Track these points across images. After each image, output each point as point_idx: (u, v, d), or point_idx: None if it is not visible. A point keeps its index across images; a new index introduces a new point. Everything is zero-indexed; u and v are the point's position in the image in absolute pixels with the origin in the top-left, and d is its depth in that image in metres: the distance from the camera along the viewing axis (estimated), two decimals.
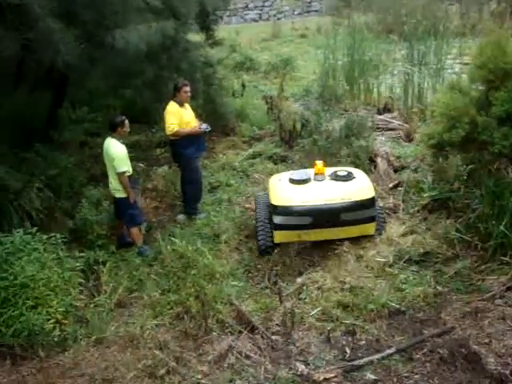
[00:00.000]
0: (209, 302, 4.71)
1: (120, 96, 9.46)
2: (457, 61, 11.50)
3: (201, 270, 5.22)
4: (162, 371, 4.04)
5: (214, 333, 4.51)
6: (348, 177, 5.81)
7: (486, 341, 4.15)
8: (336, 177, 5.81)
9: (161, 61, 8.26)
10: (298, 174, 5.96)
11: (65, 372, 4.16)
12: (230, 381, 3.93)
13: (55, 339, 4.40)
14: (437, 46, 10.25)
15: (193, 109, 6.78)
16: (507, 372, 3.76)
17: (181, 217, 6.69)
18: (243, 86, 11.49)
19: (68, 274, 4.89)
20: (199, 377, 4.01)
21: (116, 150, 5.74)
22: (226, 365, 4.12)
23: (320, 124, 7.27)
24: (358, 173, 6.06)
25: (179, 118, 6.35)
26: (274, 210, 5.59)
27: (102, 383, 4.00)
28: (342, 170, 5.96)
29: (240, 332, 4.47)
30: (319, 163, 5.91)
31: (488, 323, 4.39)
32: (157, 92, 9.34)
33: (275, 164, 8.10)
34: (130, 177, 5.85)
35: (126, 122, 5.86)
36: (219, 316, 4.66)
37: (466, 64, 10.99)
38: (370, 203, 5.64)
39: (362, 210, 5.58)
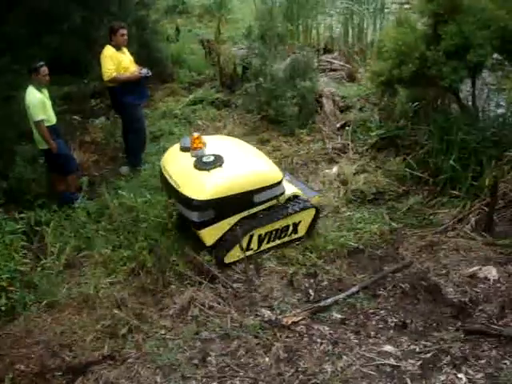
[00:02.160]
0: (164, 255, 4.53)
1: (45, 44, 8.70)
2: (395, 0, 11.41)
3: (152, 223, 5.01)
4: (124, 330, 3.86)
5: (173, 286, 4.36)
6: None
7: (444, 272, 4.25)
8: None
9: (88, 2, 7.64)
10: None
11: (17, 341, 3.87)
12: (196, 333, 3.81)
13: (2, 308, 4.09)
14: None
15: None
16: (466, 299, 3.88)
17: (124, 169, 6.36)
18: (178, 30, 10.95)
19: (9, 238, 4.53)
20: (163, 332, 3.87)
21: (30, 97, 5.34)
22: (189, 317, 3.99)
23: (264, 66, 7.01)
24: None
25: (117, 62, 5.91)
26: None
27: (60, 349, 3.77)
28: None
29: (200, 283, 4.34)
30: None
31: (443, 255, 4.50)
32: (86, 38, 8.69)
33: (218, 109, 7.85)
34: (51, 126, 5.45)
35: (43, 68, 5.40)
36: (176, 268, 4.49)
37: (402, 4, 11.00)
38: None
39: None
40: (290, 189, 4.81)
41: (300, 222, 4.72)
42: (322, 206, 5.13)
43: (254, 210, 4.55)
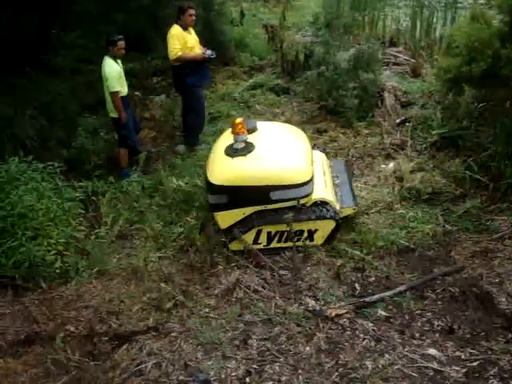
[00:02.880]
0: (214, 236, 4.58)
1: (113, 21, 8.92)
2: None
3: (204, 203, 5.08)
4: (169, 304, 3.96)
5: (220, 266, 4.41)
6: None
7: (497, 281, 4.10)
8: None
9: None
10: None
11: (68, 303, 4.06)
12: (240, 315, 3.86)
13: (57, 271, 4.28)
14: None
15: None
16: None
17: (181, 147, 6.46)
18: (242, 13, 10.97)
19: (68, 205, 4.72)
20: (207, 310, 3.94)
21: (109, 69, 5.55)
22: (233, 299, 4.04)
23: (328, 55, 6.91)
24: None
25: (183, 42, 5.98)
26: None
27: (108, 316, 3.91)
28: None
29: (246, 266, 4.38)
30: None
31: (498, 263, 4.33)
32: (153, 17, 8.85)
33: (277, 95, 7.82)
34: (123, 97, 5.66)
35: (121, 42, 5.60)
36: (224, 250, 4.54)
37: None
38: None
39: None
40: (320, 193, 4.61)
41: (317, 230, 4.52)
42: (352, 216, 4.80)
43: (272, 206, 4.45)
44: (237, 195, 4.44)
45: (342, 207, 4.67)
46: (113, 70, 5.55)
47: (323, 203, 4.57)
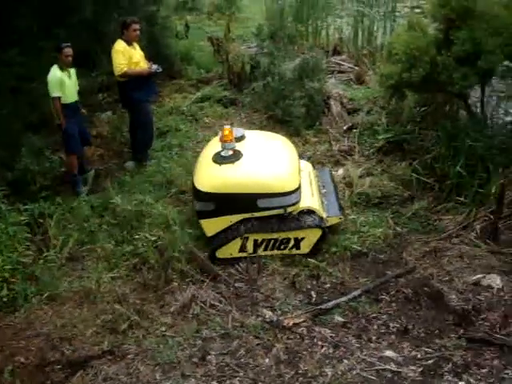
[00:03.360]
0: (167, 252, 4.52)
1: (54, 37, 8.70)
2: (407, 3, 11.38)
3: (155, 219, 5.00)
4: (124, 325, 3.86)
5: (175, 283, 4.35)
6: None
7: (447, 278, 4.23)
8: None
9: None
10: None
11: (17, 333, 3.89)
12: (197, 331, 3.81)
13: (4, 299, 4.10)
14: None
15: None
16: (469, 307, 3.85)
17: (130, 164, 6.35)
18: (187, 26, 10.95)
19: (12, 229, 4.53)
20: (163, 329, 3.86)
21: (50, 75, 5.56)
22: (190, 315, 3.98)
23: (273, 65, 6.99)
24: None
25: (128, 57, 5.91)
26: None
27: (60, 342, 3.77)
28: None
29: (202, 281, 4.33)
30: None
31: (447, 261, 4.47)
32: (95, 32, 8.68)
33: (225, 107, 7.83)
34: (68, 105, 5.63)
35: (66, 49, 5.60)
36: (179, 265, 4.47)
37: (414, 7, 10.97)
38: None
39: None
40: (307, 202, 4.65)
41: (303, 238, 4.56)
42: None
43: (258, 214, 4.49)
44: (224, 202, 4.47)
45: (328, 216, 4.71)
46: (54, 76, 5.51)
47: (310, 212, 4.59)
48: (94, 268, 4.59)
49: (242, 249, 4.55)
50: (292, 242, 4.56)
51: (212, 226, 4.58)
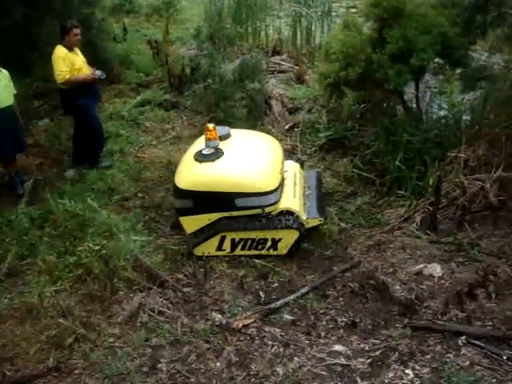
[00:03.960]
0: (112, 261, 4.41)
1: None
2: (343, 3, 11.63)
3: (99, 228, 4.87)
4: (70, 340, 3.73)
5: (122, 292, 4.25)
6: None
7: (391, 270, 4.35)
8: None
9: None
10: None
11: None
12: (146, 340, 3.74)
13: None
14: None
15: None
16: (412, 297, 3.97)
17: (70, 172, 6.16)
18: (125, 29, 10.77)
19: None
20: (111, 340, 3.77)
21: None
22: (138, 324, 3.91)
23: (213, 67, 6.98)
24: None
25: (70, 64, 5.73)
26: None
27: (1, 363, 3.60)
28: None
29: (149, 288, 4.26)
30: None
31: (390, 254, 4.60)
32: (28, 36, 8.37)
33: (166, 111, 7.75)
34: None
35: None
36: (125, 274, 4.37)
37: (350, 7, 11.22)
38: None
39: None
40: (287, 203, 4.64)
41: (280, 239, 4.55)
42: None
43: (236, 213, 4.49)
44: (202, 200, 4.48)
45: (308, 218, 4.69)
46: None
47: (289, 213, 4.57)
48: (36, 282, 4.42)
49: (220, 247, 4.56)
50: (269, 243, 4.57)
51: (191, 224, 4.61)
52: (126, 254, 4.55)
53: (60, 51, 5.75)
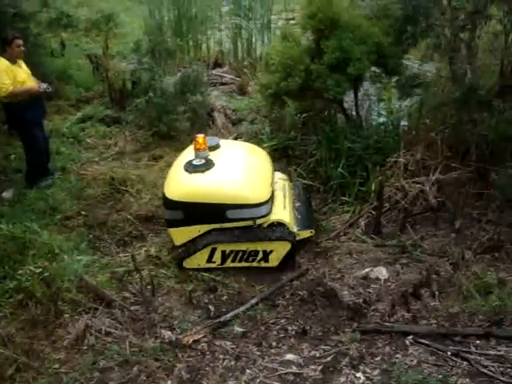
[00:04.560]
0: (55, 283, 4.25)
1: None
2: (282, 16, 11.80)
3: (40, 249, 4.69)
4: (11, 370, 3.54)
5: (66, 315, 4.09)
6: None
7: (339, 276, 4.41)
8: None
9: None
10: None
11: None
12: (94, 363, 3.61)
13: None
14: (261, 1, 10.37)
15: None
16: (360, 301, 4.05)
17: (8, 193, 5.90)
18: (63, 44, 10.51)
19: None
20: (56, 366, 3.61)
21: None
22: (85, 347, 3.77)
23: (154, 81, 6.92)
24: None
25: (12, 76, 5.52)
26: None
27: None
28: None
29: (95, 309, 4.13)
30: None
31: (337, 259, 4.68)
32: None
33: (108, 126, 7.60)
34: None
35: None
36: (69, 296, 4.22)
37: (288, 19, 11.43)
38: None
39: None
40: (278, 214, 4.62)
41: (272, 251, 4.51)
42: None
43: (228, 225, 4.44)
44: (193, 212, 4.39)
45: (299, 230, 4.68)
46: None
47: (280, 224, 4.54)
48: None
49: (210, 259, 4.49)
50: (261, 255, 4.54)
51: (180, 235, 4.53)
52: (69, 274, 4.40)
53: (2, 64, 5.55)
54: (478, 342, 3.58)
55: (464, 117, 5.21)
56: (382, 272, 4.42)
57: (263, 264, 4.58)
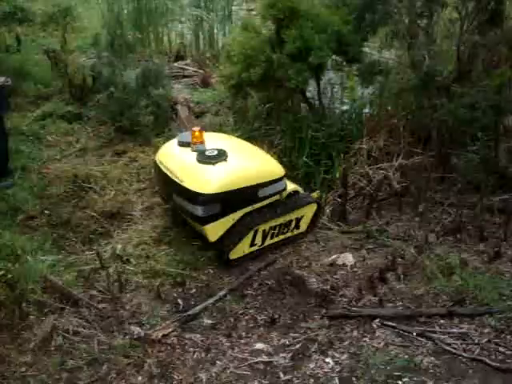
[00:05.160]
0: (19, 285, 4.16)
1: None
2: (243, 6, 11.73)
3: (1, 251, 4.58)
4: None
5: (32, 316, 4.00)
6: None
7: (306, 264, 4.46)
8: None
9: None
10: None
11: None
12: (62, 363, 3.55)
13: None
14: None
15: None
16: (328, 287, 4.10)
17: None
18: (18, 39, 10.18)
19: None
20: (23, 369, 3.53)
21: None
22: (52, 348, 3.70)
23: (115, 75, 6.80)
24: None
25: None
26: None
27: None
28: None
29: (62, 309, 4.06)
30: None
31: (305, 248, 4.72)
32: None
33: (69, 123, 7.40)
34: None
35: None
36: (34, 297, 4.14)
37: (250, 10, 11.37)
38: None
39: None
40: (290, 184, 4.77)
41: (302, 216, 4.69)
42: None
43: (258, 205, 4.44)
44: (230, 201, 4.32)
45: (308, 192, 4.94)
46: None
47: (296, 192, 4.71)
48: None
49: (252, 243, 4.50)
50: (294, 223, 4.66)
51: (216, 230, 4.37)
52: (34, 275, 4.29)
53: None
54: (441, 321, 3.69)
55: (424, 103, 5.31)
56: (348, 258, 4.49)
57: (296, 231, 4.74)
